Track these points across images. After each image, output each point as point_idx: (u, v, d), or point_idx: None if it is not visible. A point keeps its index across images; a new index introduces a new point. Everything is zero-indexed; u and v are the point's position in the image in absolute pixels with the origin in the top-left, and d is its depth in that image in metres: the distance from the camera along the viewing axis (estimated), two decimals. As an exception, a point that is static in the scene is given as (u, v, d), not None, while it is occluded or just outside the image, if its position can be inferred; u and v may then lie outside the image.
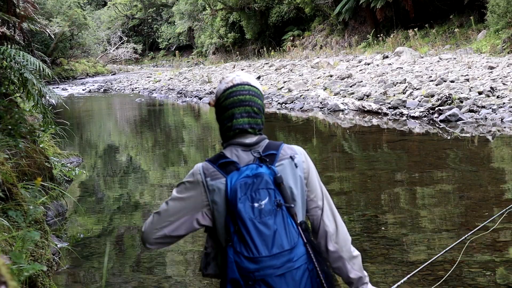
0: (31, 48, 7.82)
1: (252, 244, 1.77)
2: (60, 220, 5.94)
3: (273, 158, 1.91)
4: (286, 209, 1.83)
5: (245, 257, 1.77)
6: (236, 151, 1.94)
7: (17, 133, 4.89)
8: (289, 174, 1.90)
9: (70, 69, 38.73)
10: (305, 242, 1.83)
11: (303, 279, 1.80)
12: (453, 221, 5.18)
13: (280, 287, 1.77)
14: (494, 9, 17.20)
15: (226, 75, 2.08)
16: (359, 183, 6.90)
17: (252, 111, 1.96)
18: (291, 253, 1.79)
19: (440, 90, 12.39)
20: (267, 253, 1.76)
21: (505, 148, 8.70)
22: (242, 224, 1.78)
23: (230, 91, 1.97)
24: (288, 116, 14.30)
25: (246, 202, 1.80)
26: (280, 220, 1.81)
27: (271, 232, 1.78)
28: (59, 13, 35.55)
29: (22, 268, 2.61)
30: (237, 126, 1.94)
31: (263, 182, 1.83)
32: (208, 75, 24.93)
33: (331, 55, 25.90)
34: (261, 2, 33.68)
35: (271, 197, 1.82)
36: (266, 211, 1.80)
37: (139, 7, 57.31)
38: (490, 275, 3.89)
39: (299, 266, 1.79)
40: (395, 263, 4.23)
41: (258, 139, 1.96)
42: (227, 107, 1.96)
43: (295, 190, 1.90)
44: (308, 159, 1.99)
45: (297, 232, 1.83)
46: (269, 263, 1.76)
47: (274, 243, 1.77)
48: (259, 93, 2.00)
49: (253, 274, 1.76)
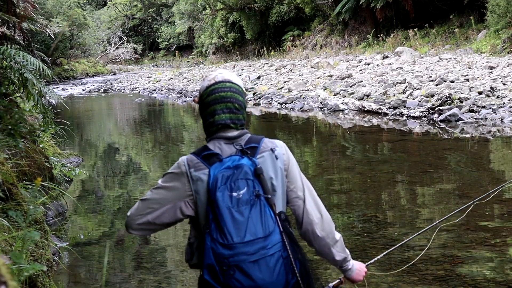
0: (31, 48, 7.82)
1: (226, 231, 1.84)
2: (60, 220, 5.94)
3: (254, 151, 1.99)
4: (265, 199, 1.90)
5: (220, 244, 1.84)
6: (219, 144, 2.02)
7: (17, 133, 4.89)
8: (270, 165, 1.98)
9: (70, 69, 38.73)
10: (281, 231, 1.89)
11: (277, 266, 1.86)
12: (453, 221, 5.17)
13: (254, 273, 1.83)
14: (494, 9, 17.20)
15: (209, 73, 2.18)
16: (359, 183, 6.90)
17: (233, 107, 2.05)
18: (265, 240, 1.85)
19: (440, 90, 12.39)
20: (240, 240, 1.83)
21: (505, 148, 8.70)
22: (219, 212, 1.86)
23: (212, 88, 2.06)
24: (288, 116, 14.30)
25: (225, 191, 1.88)
26: (257, 209, 1.88)
27: (245, 220, 1.85)
28: (59, 13, 35.55)
29: (22, 268, 2.61)
30: (219, 121, 2.03)
31: (242, 173, 1.91)
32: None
33: (331, 55, 25.90)
34: (261, 2, 33.67)
35: (249, 187, 1.89)
36: (244, 201, 1.88)
37: (139, 7, 57.30)
38: (490, 275, 3.89)
39: (273, 253, 1.86)
40: (395, 263, 4.23)
41: (240, 133, 2.05)
42: (209, 103, 2.06)
43: (275, 181, 1.98)
44: (288, 152, 2.07)
45: (274, 221, 1.90)
46: (242, 250, 1.83)
47: (247, 230, 1.84)
48: (240, 90, 2.09)
49: (227, 260, 1.83)
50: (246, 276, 1.84)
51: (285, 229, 1.92)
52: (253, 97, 17.86)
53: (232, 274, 1.84)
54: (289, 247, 1.90)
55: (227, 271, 1.84)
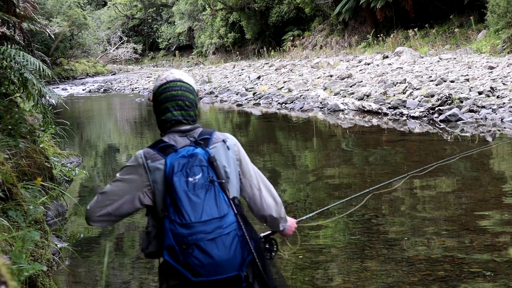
0: (31, 48, 7.81)
1: (184, 212, 1.98)
2: (60, 220, 5.94)
3: (207, 142, 2.16)
4: (219, 185, 2.06)
5: (178, 224, 1.97)
6: (173, 137, 2.19)
7: (17, 133, 4.89)
8: (222, 155, 2.15)
9: (70, 69, 38.73)
10: (235, 213, 2.04)
11: (233, 244, 2.00)
12: (453, 221, 5.17)
13: (212, 251, 1.96)
14: (494, 9, 17.20)
15: (162, 73, 2.31)
16: (359, 183, 6.90)
17: (184, 104, 2.22)
18: (221, 221, 2.00)
19: (440, 90, 12.39)
20: (197, 219, 1.97)
21: (505, 148, 8.70)
22: (176, 196, 2.00)
23: (164, 87, 2.23)
24: (288, 116, 14.30)
25: (181, 177, 2.03)
26: (212, 193, 2.03)
27: (201, 202, 2.00)
28: (59, 13, 35.55)
29: (22, 268, 2.61)
30: (172, 118, 2.21)
31: (197, 160, 2.06)
32: (208, 75, 24.93)
33: (331, 55, 25.90)
34: (261, 2, 33.67)
35: (204, 173, 2.05)
36: (199, 185, 2.03)
37: (139, 7, 57.29)
38: (490, 275, 3.89)
39: (229, 232, 2.00)
40: (395, 263, 4.23)
41: (193, 127, 2.22)
42: (161, 101, 2.22)
43: (228, 169, 2.15)
44: (238, 144, 2.25)
45: (228, 205, 2.05)
46: (200, 228, 1.97)
47: (203, 211, 1.99)
48: (191, 89, 2.26)
49: (186, 239, 1.96)
50: (204, 254, 1.95)
51: (239, 211, 2.06)
52: (253, 97, 17.85)
53: (191, 253, 1.95)
54: (244, 227, 2.04)
55: (186, 249, 1.96)
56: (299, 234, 2.63)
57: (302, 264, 4.35)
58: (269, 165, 8.65)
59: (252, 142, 11.17)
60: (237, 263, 2.01)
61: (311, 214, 3.04)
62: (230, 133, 2.38)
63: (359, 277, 4.04)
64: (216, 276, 1.98)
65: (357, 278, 4.01)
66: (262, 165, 8.56)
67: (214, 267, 1.97)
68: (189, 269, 1.97)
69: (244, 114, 15.87)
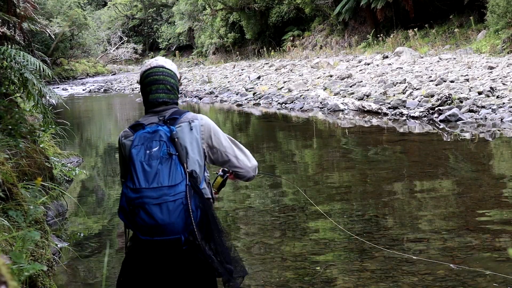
0: (31, 48, 7.82)
1: (136, 179, 2.26)
2: (60, 220, 5.94)
3: (174, 121, 2.43)
4: (177, 158, 2.30)
5: (130, 189, 2.26)
6: (148, 116, 2.50)
7: (17, 133, 4.90)
8: (186, 133, 2.41)
9: (70, 69, 38.73)
10: (187, 184, 2.26)
11: (176, 210, 2.23)
12: (453, 221, 5.18)
13: (156, 214, 2.21)
14: (494, 9, 17.20)
15: (147, 60, 2.64)
16: (359, 183, 6.90)
17: (165, 88, 2.52)
18: (170, 189, 2.23)
19: (440, 90, 12.40)
20: (147, 185, 2.24)
21: (505, 148, 8.70)
22: (132, 164, 2.29)
23: (148, 72, 2.53)
24: (288, 116, 14.30)
25: (141, 149, 2.31)
26: (168, 165, 2.27)
27: (154, 171, 2.26)
28: (59, 13, 35.55)
29: (22, 268, 2.62)
30: (152, 99, 2.51)
31: (157, 136, 2.34)
32: (208, 75, 24.94)
33: (331, 55, 25.90)
34: (261, 2, 33.67)
35: (161, 146, 2.31)
36: (154, 156, 2.29)
37: (139, 7, 57.28)
38: (490, 275, 3.89)
39: (175, 200, 2.23)
40: (395, 263, 4.23)
41: (166, 107, 2.50)
42: (146, 84, 2.52)
43: (189, 146, 2.40)
44: (209, 124, 2.50)
45: (183, 177, 2.27)
46: (147, 194, 2.23)
47: (154, 179, 2.24)
48: (172, 74, 2.56)
49: (134, 201, 2.24)
50: (148, 216, 2.22)
51: (192, 184, 2.29)
52: (253, 97, 17.85)
53: (137, 213, 2.23)
54: (192, 198, 2.26)
55: (133, 210, 2.24)
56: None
57: (302, 264, 4.36)
58: (269, 165, 8.65)
59: (252, 142, 11.18)
60: (179, 228, 2.23)
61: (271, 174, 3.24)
62: (230, 133, 2.44)
63: (359, 277, 4.04)
64: (159, 236, 2.24)
65: (357, 278, 4.02)
66: (262, 165, 8.57)
67: (157, 228, 2.22)
68: (137, 228, 2.27)
69: (244, 114, 15.87)
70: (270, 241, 4.95)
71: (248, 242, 5.00)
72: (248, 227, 5.50)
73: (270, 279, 4.13)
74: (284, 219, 5.60)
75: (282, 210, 5.92)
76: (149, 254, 2.34)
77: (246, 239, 5.08)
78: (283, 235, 5.10)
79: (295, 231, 5.19)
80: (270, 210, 5.97)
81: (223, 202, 6.42)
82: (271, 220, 5.61)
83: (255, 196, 6.63)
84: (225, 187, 2.90)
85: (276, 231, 5.25)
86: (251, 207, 6.19)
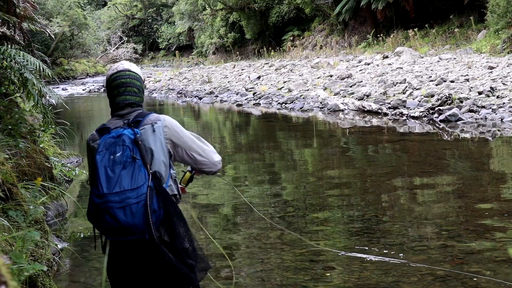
0: (31, 48, 7.81)
1: (99, 184, 2.35)
2: (60, 220, 5.94)
3: (138, 124, 2.50)
4: (141, 161, 2.38)
5: (95, 194, 2.37)
6: (113, 120, 2.57)
7: (17, 133, 4.90)
8: (149, 135, 2.48)
9: (70, 69, 38.71)
10: (149, 186, 2.35)
11: (139, 212, 2.32)
12: (453, 221, 5.18)
13: (119, 216, 2.32)
14: (494, 9, 17.20)
15: (113, 64, 2.70)
16: (359, 183, 6.90)
17: (131, 91, 2.60)
18: (132, 192, 2.33)
19: (440, 90, 12.39)
20: (109, 191, 2.33)
21: (505, 148, 8.70)
22: (97, 171, 2.38)
23: (115, 75, 2.61)
24: (288, 116, 14.30)
25: (106, 154, 2.40)
26: (131, 168, 2.36)
27: (116, 176, 2.35)
28: (59, 13, 35.53)
29: (22, 268, 2.62)
30: (119, 101, 2.59)
31: (120, 140, 2.41)
32: (208, 75, 24.93)
33: (331, 55, 25.90)
34: (261, 2, 33.66)
35: (124, 151, 2.39)
36: (117, 161, 2.37)
37: (139, 7, 57.25)
38: (490, 275, 3.89)
39: (138, 202, 2.32)
40: (395, 263, 4.22)
41: (130, 110, 2.57)
42: (113, 87, 2.60)
43: (154, 147, 2.47)
44: (172, 125, 2.58)
45: (146, 178, 2.36)
46: (110, 198, 2.33)
47: (116, 184, 2.34)
48: (138, 77, 2.65)
49: (99, 206, 2.35)
50: (113, 219, 2.32)
51: (155, 184, 2.38)
52: (253, 97, 17.85)
53: (103, 217, 2.34)
54: (155, 199, 2.36)
55: (99, 214, 2.35)
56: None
57: (302, 264, 4.35)
58: (269, 164, 8.65)
59: (252, 142, 11.18)
60: (142, 228, 2.34)
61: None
62: (230, 133, 2.44)
63: (359, 277, 4.04)
64: (124, 237, 2.37)
65: (357, 278, 4.02)
66: (262, 165, 8.56)
67: (122, 230, 2.34)
68: (104, 230, 2.40)
69: (244, 114, 15.87)
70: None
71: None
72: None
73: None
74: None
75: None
76: (121, 253, 2.47)
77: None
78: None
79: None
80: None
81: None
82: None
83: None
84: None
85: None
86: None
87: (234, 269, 4.32)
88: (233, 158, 9.34)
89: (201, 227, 5.02)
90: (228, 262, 4.26)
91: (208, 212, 6.08)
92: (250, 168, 8.58)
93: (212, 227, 5.51)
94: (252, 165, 8.77)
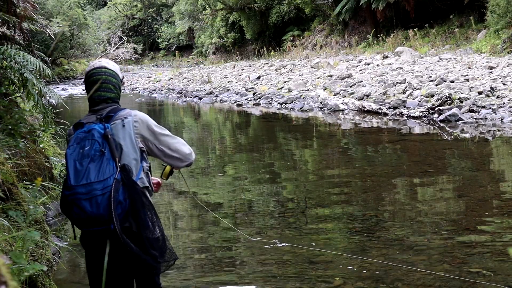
0: (31, 48, 7.81)
1: (68, 177, 2.48)
2: (60, 220, 5.94)
3: (109, 119, 2.61)
4: (110, 154, 2.49)
5: (64, 187, 2.51)
6: (88, 115, 2.70)
7: (17, 133, 4.89)
8: (119, 130, 2.59)
9: (70, 69, 38.70)
10: (115, 178, 2.45)
11: (104, 203, 2.43)
12: (453, 221, 5.18)
13: (86, 207, 2.43)
14: (494, 9, 17.20)
15: (92, 61, 2.88)
16: (359, 183, 6.90)
17: (107, 87, 2.71)
18: (98, 184, 2.44)
19: (440, 90, 12.39)
20: (77, 183, 2.45)
21: (505, 148, 8.71)
22: (66, 164, 2.51)
23: (91, 72, 2.74)
24: (288, 116, 14.30)
25: (76, 148, 2.52)
26: (99, 162, 2.47)
27: (83, 169, 2.47)
28: (59, 13, 35.53)
29: (22, 268, 2.62)
30: (95, 96, 2.70)
31: (90, 135, 2.53)
32: (208, 75, 24.93)
33: (331, 55, 25.89)
34: (261, 2, 33.66)
35: (92, 145, 2.50)
36: (85, 155, 2.49)
37: (139, 7, 57.24)
38: (490, 275, 3.89)
39: (103, 193, 2.43)
40: (395, 263, 4.22)
41: (104, 106, 2.69)
42: (90, 83, 2.72)
43: (123, 142, 2.58)
44: (143, 120, 2.68)
45: (114, 171, 2.46)
46: (77, 190, 2.45)
47: (83, 177, 2.45)
48: (114, 74, 2.77)
49: (67, 198, 2.47)
50: (80, 210, 2.44)
51: (123, 177, 2.48)
52: (253, 97, 17.84)
53: (71, 209, 2.47)
54: (121, 190, 2.45)
55: (68, 205, 2.47)
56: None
57: (302, 264, 4.35)
58: (269, 164, 8.65)
59: (252, 142, 11.18)
60: (106, 218, 2.44)
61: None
62: (230, 133, 2.45)
63: (359, 277, 4.04)
64: (91, 227, 2.48)
65: (357, 278, 4.01)
66: (262, 165, 8.56)
67: (88, 220, 2.45)
68: (73, 221, 2.52)
69: (244, 114, 15.87)
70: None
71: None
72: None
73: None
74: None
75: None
76: (91, 243, 2.60)
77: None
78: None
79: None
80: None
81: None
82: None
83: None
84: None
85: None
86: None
87: (235, 261, 4.32)
88: (233, 158, 9.34)
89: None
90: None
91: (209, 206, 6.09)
92: (250, 168, 8.58)
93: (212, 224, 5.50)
94: (252, 165, 8.77)
